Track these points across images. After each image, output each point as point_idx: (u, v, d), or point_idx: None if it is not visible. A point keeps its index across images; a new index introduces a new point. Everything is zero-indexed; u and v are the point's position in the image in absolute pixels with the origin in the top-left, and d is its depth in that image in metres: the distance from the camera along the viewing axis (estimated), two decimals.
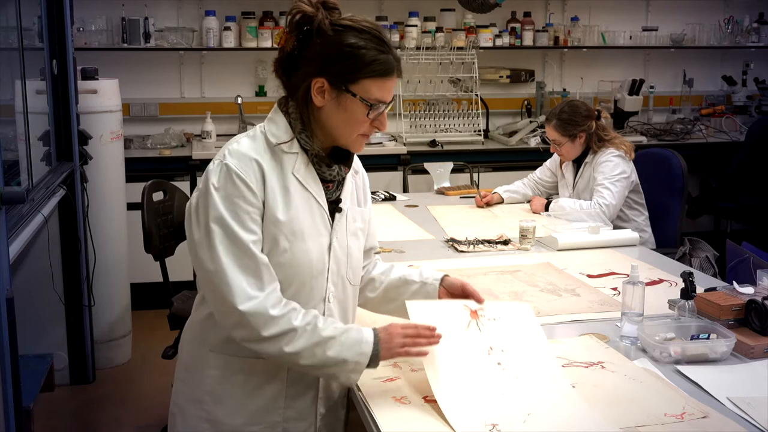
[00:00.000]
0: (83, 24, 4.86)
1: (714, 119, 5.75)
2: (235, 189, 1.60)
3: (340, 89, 1.63)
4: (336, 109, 1.65)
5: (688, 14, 5.91)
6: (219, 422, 1.70)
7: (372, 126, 1.68)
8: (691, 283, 2.08)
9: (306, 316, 1.62)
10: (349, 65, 1.61)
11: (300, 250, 1.65)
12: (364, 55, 1.61)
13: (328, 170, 1.71)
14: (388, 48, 1.64)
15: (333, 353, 1.60)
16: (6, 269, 2.35)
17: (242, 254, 1.59)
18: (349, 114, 1.65)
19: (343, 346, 1.61)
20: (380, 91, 1.64)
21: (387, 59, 1.64)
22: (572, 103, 3.56)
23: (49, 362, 3.19)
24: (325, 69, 1.62)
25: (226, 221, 1.59)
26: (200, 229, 1.61)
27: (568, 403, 1.68)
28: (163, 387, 3.73)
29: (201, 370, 1.72)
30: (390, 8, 5.40)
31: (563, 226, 3.16)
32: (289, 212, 1.64)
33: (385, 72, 1.64)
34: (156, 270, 3.24)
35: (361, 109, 1.64)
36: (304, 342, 1.59)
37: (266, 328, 1.58)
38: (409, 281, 1.92)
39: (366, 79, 1.62)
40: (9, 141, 3.09)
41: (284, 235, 1.63)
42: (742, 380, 1.81)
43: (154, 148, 4.88)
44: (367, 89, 1.63)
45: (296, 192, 1.66)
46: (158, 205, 3.24)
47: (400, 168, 4.93)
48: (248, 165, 1.62)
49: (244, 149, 1.64)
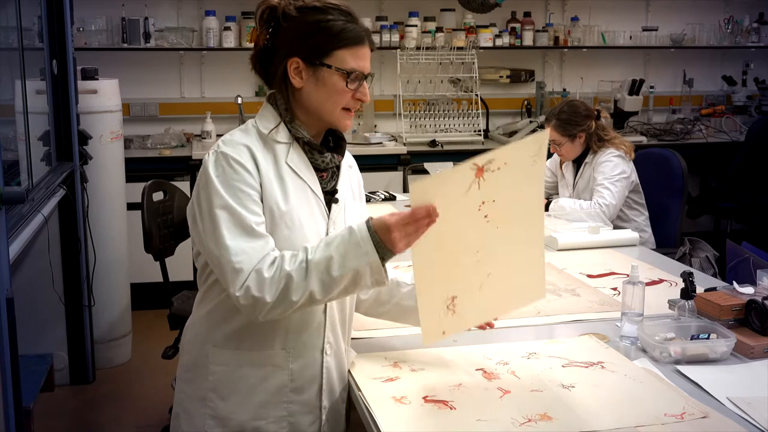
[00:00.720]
0: (83, 24, 4.86)
1: (714, 119, 5.75)
2: (234, 173, 1.62)
3: (315, 65, 1.65)
4: (315, 85, 1.67)
5: (688, 14, 5.91)
6: (225, 418, 1.71)
7: (355, 98, 1.69)
8: (691, 283, 2.08)
9: (294, 257, 1.58)
10: (320, 39, 1.64)
11: (298, 237, 1.66)
12: (332, 26, 1.64)
13: (321, 157, 1.72)
14: (355, 18, 1.67)
15: (337, 272, 1.55)
16: (6, 269, 2.35)
17: (248, 235, 1.59)
18: (328, 87, 1.66)
19: (344, 258, 1.55)
20: (355, 59, 1.66)
21: (355, 28, 1.67)
22: (572, 103, 3.56)
23: (49, 362, 3.19)
24: (297, 48, 1.66)
25: (230, 205, 1.60)
26: (204, 218, 1.62)
27: (537, 266, 1.73)
28: (163, 387, 3.73)
29: (205, 366, 1.72)
30: (390, 8, 5.40)
31: (563, 226, 3.16)
32: (288, 200, 1.66)
33: (356, 40, 1.66)
34: (156, 270, 3.24)
35: (339, 80, 1.66)
36: (304, 284, 1.55)
37: (268, 292, 1.55)
38: (400, 283, 1.92)
39: (339, 50, 1.65)
40: (9, 141, 3.09)
41: (284, 222, 1.65)
42: (742, 380, 1.80)
43: (154, 148, 4.88)
44: (342, 59, 1.65)
45: (291, 181, 1.68)
46: (158, 205, 3.24)
47: (400, 168, 4.93)
48: (242, 150, 1.65)
49: (235, 138, 1.69)
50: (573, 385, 1.75)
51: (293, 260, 1.58)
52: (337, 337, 1.77)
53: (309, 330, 1.72)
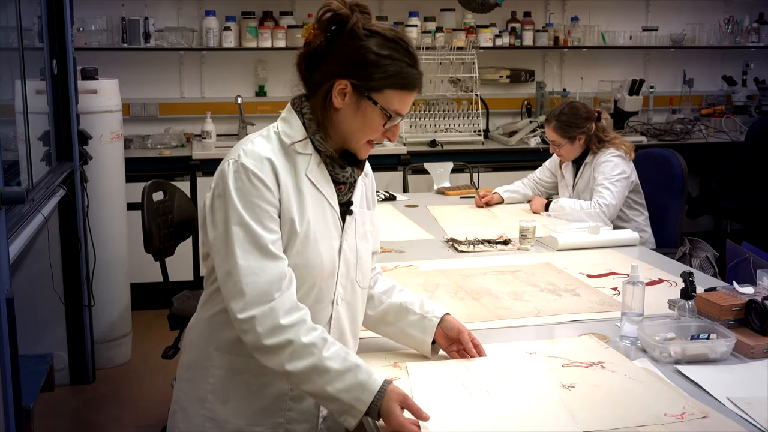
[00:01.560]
0: (83, 24, 4.86)
1: (714, 119, 5.75)
2: (253, 188, 1.59)
3: (363, 95, 1.63)
4: (354, 113, 1.65)
5: (688, 14, 5.91)
6: (222, 421, 1.70)
7: (384, 135, 1.68)
8: (691, 283, 2.08)
9: (313, 332, 1.58)
10: (377, 73, 1.62)
11: (313, 252, 1.65)
12: (394, 65, 1.62)
13: (341, 172, 1.71)
14: (415, 62, 1.65)
15: (331, 389, 1.55)
16: (6, 269, 2.35)
17: (261, 255, 1.58)
18: (366, 120, 1.65)
19: (343, 384, 1.56)
20: (400, 103, 1.65)
21: (413, 73, 1.65)
22: (572, 105, 3.55)
23: (49, 362, 3.19)
24: (352, 72, 1.62)
25: (247, 222, 1.58)
26: (217, 230, 1.60)
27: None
28: (163, 387, 3.73)
29: (205, 368, 1.72)
30: (390, 8, 5.40)
31: (563, 226, 3.16)
32: (304, 214, 1.64)
33: (410, 86, 1.65)
34: (156, 270, 3.24)
35: (378, 118, 1.65)
36: (305, 364, 1.56)
37: (270, 336, 1.55)
38: (409, 310, 1.90)
39: (390, 90, 1.63)
40: (9, 141, 3.09)
41: (299, 237, 1.63)
42: (742, 380, 1.80)
43: (154, 148, 4.88)
44: (389, 99, 1.64)
45: (309, 193, 1.66)
46: (158, 205, 3.24)
47: (400, 168, 4.93)
48: (263, 164, 1.61)
49: (258, 149, 1.64)
50: (573, 385, 1.75)
51: (312, 336, 1.57)
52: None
53: None
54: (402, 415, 1.55)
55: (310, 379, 1.56)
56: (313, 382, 1.56)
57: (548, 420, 1.61)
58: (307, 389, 1.59)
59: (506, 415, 1.62)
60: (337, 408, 1.58)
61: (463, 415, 1.62)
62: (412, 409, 1.56)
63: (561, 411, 1.64)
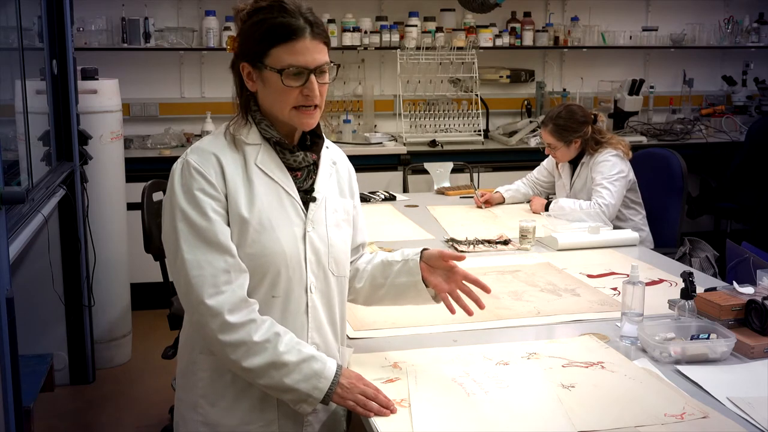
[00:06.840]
0: (83, 24, 4.86)
1: (714, 119, 5.74)
2: (194, 182, 1.62)
3: (258, 66, 1.65)
4: (263, 87, 1.68)
5: (688, 14, 5.91)
6: (215, 424, 1.71)
7: (303, 95, 1.65)
8: (691, 283, 2.08)
9: (267, 330, 1.61)
10: (257, 40, 1.64)
11: (270, 239, 1.65)
12: (266, 24, 1.64)
13: (292, 156, 1.72)
14: (291, 12, 1.64)
15: (289, 381, 1.60)
16: (6, 269, 2.35)
17: (207, 247, 1.60)
18: (272, 88, 1.66)
19: (301, 375, 1.60)
20: (291, 55, 1.63)
21: (287, 22, 1.63)
22: (569, 109, 3.53)
23: (49, 362, 3.19)
24: (244, 53, 1.67)
25: (188, 214, 1.61)
26: (165, 226, 1.65)
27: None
28: (163, 387, 3.73)
29: (194, 374, 1.72)
30: (390, 8, 5.40)
31: (563, 226, 3.15)
32: (254, 204, 1.65)
33: (288, 34, 1.63)
34: (156, 270, 3.24)
35: (276, 79, 1.64)
36: (260, 360, 1.59)
37: (222, 333, 1.59)
38: (392, 262, 1.90)
39: (273, 48, 1.63)
40: (9, 141, 3.09)
41: (252, 227, 1.64)
42: (742, 380, 1.81)
43: (154, 148, 4.88)
44: (278, 57, 1.63)
45: (261, 183, 1.67)
46: (158, 205, 3.24)
47: (400, 168, 4.93)
48: (207, 159, 1.65)
49: (204, 145, 1.69)
50: (573, 385, 1.75)
51: (263, 332, 1.60)
52: (324, 338, 1.75)
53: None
54: (359, 384, 1.64)
55: (267, 374, 1.61)
56: (270, 377, 1.61)
57: (546, 421, 1.61)
58: (264, 383, 1.62)
59: (504, 416, 1.62)
60: (294, 398, 1.63)
61: (462, 416, 1.62)
62: (370, 387, 1.66)
63: (559, 412, 1.64)
